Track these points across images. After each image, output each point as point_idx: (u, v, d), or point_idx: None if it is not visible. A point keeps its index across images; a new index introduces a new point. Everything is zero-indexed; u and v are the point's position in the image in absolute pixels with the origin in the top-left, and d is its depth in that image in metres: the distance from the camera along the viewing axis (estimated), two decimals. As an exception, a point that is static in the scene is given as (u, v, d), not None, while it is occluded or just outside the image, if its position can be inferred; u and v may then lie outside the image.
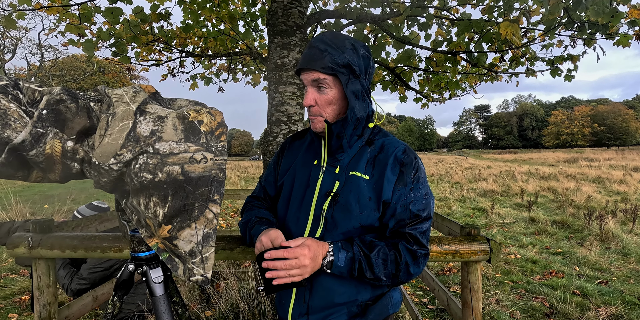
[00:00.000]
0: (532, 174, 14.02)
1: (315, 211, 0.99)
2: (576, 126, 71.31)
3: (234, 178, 15.36)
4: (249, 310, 2.42)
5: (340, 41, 0.94)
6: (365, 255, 0.90)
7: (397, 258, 0.92)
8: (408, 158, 0.99)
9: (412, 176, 0.97)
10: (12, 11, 2.67)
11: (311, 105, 0.97)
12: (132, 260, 1.08)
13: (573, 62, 3.32)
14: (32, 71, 26.75)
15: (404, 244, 0.93)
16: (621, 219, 5.90)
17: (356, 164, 1.00)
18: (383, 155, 1.00)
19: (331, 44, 0.93)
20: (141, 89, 0.91)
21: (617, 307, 2.91)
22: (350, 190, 0.97)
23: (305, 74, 0.96)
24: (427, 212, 0.98)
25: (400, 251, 0.92)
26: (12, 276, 3.65)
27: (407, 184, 0.97)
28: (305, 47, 0.96)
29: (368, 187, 0.97)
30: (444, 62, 3.53)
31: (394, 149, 1.01)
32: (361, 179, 0.97)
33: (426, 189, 1.00)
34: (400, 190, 0.96)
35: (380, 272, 0.91)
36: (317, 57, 0.92)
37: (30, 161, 0.79)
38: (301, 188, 1.04)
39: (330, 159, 1.02)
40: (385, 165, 0.98)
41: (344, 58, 0.92)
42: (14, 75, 25.04)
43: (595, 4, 2.13)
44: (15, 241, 1.54)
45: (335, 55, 0.92)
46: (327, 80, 0.94)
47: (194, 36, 3.95)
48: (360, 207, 0.95)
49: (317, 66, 0.91)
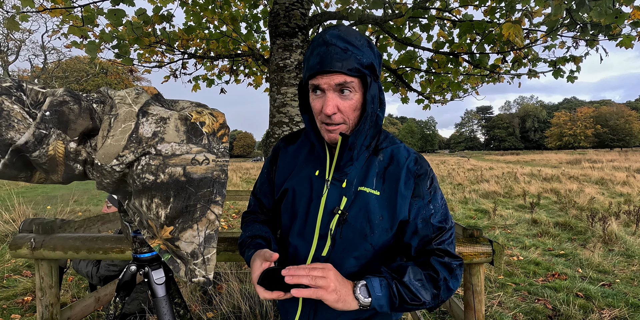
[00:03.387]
0: (534, 176, 13.97)
1: (321, 229, 0.90)
2: (579, 127, 71.03)
3: (235, 179, 15.37)
4: (250, 311, 2.42)
5: (358, 37, 0.82)
6: (397, 279, 0.81)
7: (434, 275, 0.83)
8: (422, 169, 0.91)
9: (427, 187, 0.90)
10: (15, 13, 2.69)
11: (334, 113, 0.83)
12: (134, 261, 1.08)
13: (575, 63, 3.31)
14: (35, 73, 26.90)
15: (435, 259, 0.86)
16: (624, 220, 5.87)
17: (365, 178, 0.90)
18: (394, 168, 0.91)
19: (351, 41, 0.80)
20: (143, 91, 0.91)
21: (621, 309, 2.89)
22: (359, 208, 0.88)
23: (325, 77, 0.80)
24: (449, 222, 0.91)
25: (435, 267, 0.84)
26: (14, 277, 3.66)
27: (424, 196, 0.90)
28: (314, 45, 0.82)
29: (379, 205, 0.88)
30: (445, 64, 3.53)
31: (405, 160, 0.92)
32: (371, 196, 0.88)
33: (442, 199, 0.93)
34: (417, 204, 0.89)
35: (420, 293, 0.81)
36: (341, 57, 0.78)
37: (33, 162, 0.80)
38: (303, 202, 0.94)
39: (337, 172, 0.91)
40: (397, 180, 0.89)
41: (368, 57, 0.81)
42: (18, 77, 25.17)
43: (598, 5, 2.12)
44: (18, 242, 1.55)
45: (359, 55, 0.80)
46: (354, 83, 0.81)
47: (196, 38, 3.97)
48: (371, 227, 0.87)
49: (343, 68, 0.78)
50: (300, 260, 0.92)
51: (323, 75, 0.80)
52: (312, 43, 0.84)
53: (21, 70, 29.14)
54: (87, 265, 2.37)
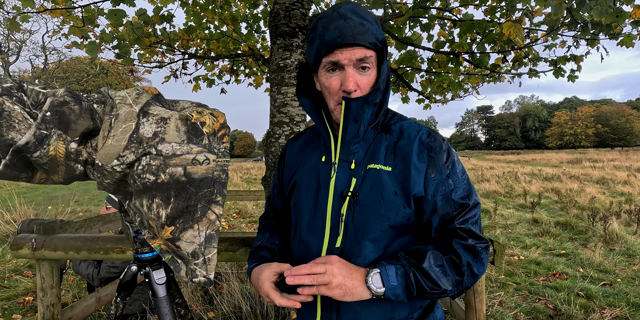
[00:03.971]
0: (535, 175, 13.96)
1: (333, 217, 0.83)
2: (580, 127, 70.94)
3: (236, 179, 15.38)
4: (251, 311, 2.42)
5: (369, 14, 0.79)
6: (415, 266, 0.74)
7: (456, 260, 0.77)
8: (436, 141, 0.84)
9: (445, 161, 0.82)
10: (16, 14, 2.69)
11: (355, 89, 0.78)
12: (135, 261, 1.08)
13: (576, 62, 3.30)
14: (36, 73, 26.93)
15: (458, 242, 0.78)
16: (625, 220, 5.86)
17: (374, 155, 0.84)
18: (405, 141, 0.84)
19: (365, 16, 0.78)
20: (144, 91, 0.91)
21: (622, 309, 2.89)
22: (371, 187, 0.82)
23: (345, 51, 0.76)
24: (473, 198, 0.82)
25: (457, 251, 0.77)
26: (16, 277, 3.67)
27: (441, 170, 0.82)
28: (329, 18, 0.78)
29: (392, 180, 0.81)
30: (446, 63, 3.52)
31: (416, 133, 0.85)
32: (382, 172, 0.82)
33: (464, 174, 0.85)
34: (435, 179, 0.81)
35: (441, 281, 0.74)
36: (360, 30, 0.75)
37: (34, 163, 0.80)
38: (311, 191, 0.88)
39: (344, 153, 0.86)
40: (409, 152, 0.82)
41: (380, 33, 0.79)
42: (19, 77, 25.23)
43: (598, 4, 2.12)
44: (19, 242, 1.55)
45: (374, 30, 0.77)
46: (372, 58, 0.78)
47: (196, 38, 3.97)
48: (385, 206, 0.80)
49: (365, 41, 0.75)
50: (312, 257, 0.84)
51: (343, 50, 0.76)
52: (322, 19, 0.80)
53: (22, 71, 29.18)
54: (88, 267, 2.37)
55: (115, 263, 2.33)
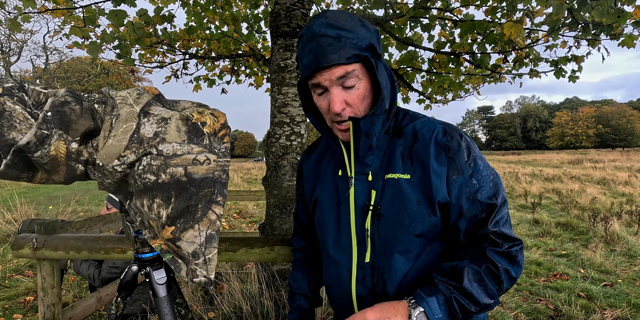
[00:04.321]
0: (536, 176, 13.94)
1: (358, 232, 0.82)
2: (580, 127, 70.85)
3: (237, 179, 15.38)
4: (251, 311, 2.42)
5: (348, 20, 0.74)
6: (458, 288, 0.72)
7: (493, 270, 0.74)
8: (453, 139, 0.79)
9: (466, 159, 0.77)
10: (17, 14, 2.70)
11: (343, 108, 0.75)
12: (136, 261, 1.08)
13: (577, 62, 3.30)
14: (37, 73, 26.97)
15: (492, 250, 0.75)
16: (626, 220, 5.85)
17: (390, 164, 0.81)
18: (420, 145, 0.80)
19: (342, 26, 0.73)
20: (145, 91, 0.91)
21: (623, 310, 2.88)
22: (392, 199, 0.79)
23: (324, 73, 0.73)
24: (500, 197, 0.78)
25: (493, 260, 0.74)
26: (16, 277, 3.67)
27: (463, 170, 0.77)
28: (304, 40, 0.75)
29: (412, 189, 0.78)
30: (447, 64, 3.52)
31: (431, 133, 0.80)
32: (401, 181, 0.79)
33: (488, 169, 0.80)
34: (457, 181, 0.77)
35: (484, 298, 0.72)
36: (335, 47, 0.71)
37: (35, 163, 0.80)
38: (333, 207, 0.87)
39: (359, 166, 0.83)
40: (426, 156, 0.78)
41: (364, 38, 0.73)
42: (20, 77, 25.27)
43: (600, 5, 2.12)
44: (20, 242, 1.55)
45: (354, 39, 0.72)
46: (356, 71, 0.74)
47: (197, 38, 3.97)
48: (409, 217, 0.77)
49: (341, 58, 0.71)
50: (344, 274, 0.84)
51: (322, 72, 0.73)
52: (302, 38, 0.76)
53: (23, 71, 29.22)
54: (89, 267, 2.37)
55: (116, 263, 2.33)
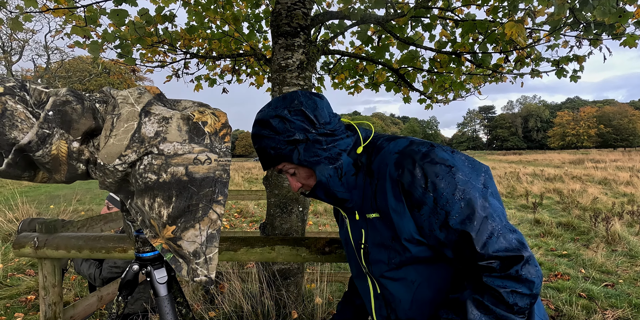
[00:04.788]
0: (537, 176, 13.92)
1: (364, 267, 0.92)
2: (582, 127, 70.68)
3: (237, 179, 15.39)
4: (252, 311, 2.42)
5: (266, 120, 0.84)
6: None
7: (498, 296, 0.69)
8: (404, 172, 0.75)
9: (423, 188, 0.73)
10: (19, 13, 2.70)
11: (301, 190, 0.92)
12: (137, 260, 1.08)
13: (579, 62, 3.29)
14: (38, 73, 27.02)
15: (488, 276, 0.70)
16: (628, 221, 5.84)
17: (367, 205, 0.86)
18: (381, 183, 0.81)
19: (262, 131, 0.86)
20: (146, 90, 0.91)
21: (624, 310, 2.88)
22: (373, 236, 0.84)
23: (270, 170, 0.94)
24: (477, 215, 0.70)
25: (493, 287, 0.69)
26: (18, 276, 3.68)
27: (424, 200, 0.73)
28: None
29: (384, 226, 0.81)
30: (448, 63, 3.52)
31: (385, 168, 0.79)
32: (374, 220, 0.83)
33: (455, 184, 0.72)
34: (423, 213, 0.73)
35: None
36: (266, 156, 0.87)
37: (37, 162, 0.80)
38: (346, 247, 1.00)
39: (346, 210, 0.93)
40: (384, 195, 0.79)
41: (281, 137, 0.83)
42: (21, 76, 25.30)
43: (601, 4, 2.11)
44: (21, 241, 1.55)
45: (273, 142, 0.84)
46: (286, 167, 0.89)
47: (198, 38, 3.97)
48: (388, 252, 0.81)
49: (270, 166, 0.89)
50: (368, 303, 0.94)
51: None
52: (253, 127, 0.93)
53: (24, 70, 29.26)
54: (90, 267, 2.37)
55: (117, 263, 2.33)
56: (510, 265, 0.68)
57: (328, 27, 3.70)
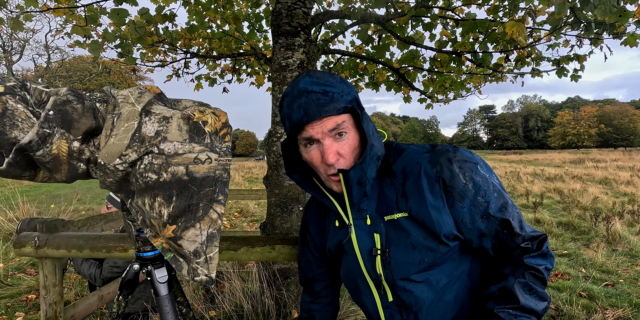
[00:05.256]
0: (537, 175, 13.91)
1: (372, 278, 0.83)
2: (582, 127, 70.60)
3: (238, 178, 15.40)
4: (252, 310, 2.42)
5: (331, 77, 0.79)
6: (517, 308, 0.73)
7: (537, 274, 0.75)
8: (443, 168, 0.78)
9: (464, 182, 0.76)
10: (19, 13, 2.70)
11: (337, 159, 0.77)
12: (137, 260, 1.08)
13: (579, 62, 3.29)
14: (39, 72, 27.03)
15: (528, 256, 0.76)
16: (628, 220, 5.84)
17: (386, 206, 0.82)
18: (412, 181, 0.80)
19: (326, 83, 0.76)
20: (146, 90, 0.91)
21: (624, 309, 2.88)
22: (398, 240, 0.79)
23: (315, 126, 0.75)
24: (509, 202, 0.78)
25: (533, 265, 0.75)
26: (19, 275, 3.69)
27: (466, 194, 0.76)
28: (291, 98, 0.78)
29: (414, 226, 0.78)
30: (448, 63, 3.51)
31: (419, 167, 0.80)
32: (401, 220, 0.79)
33: (486, 179, 0.78)
34: (465, 206, 0.76)
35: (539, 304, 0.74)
36: (324, 101, 0.74)
37: (37, 161, 0.80)
38: (342, 258, 0.90)
39: (356, 212, 0.84)
40: (420, 192, 0.78)
41: (348, 93, 0.77)
42: (22, 76, 25.33)
43: (602, 3, 2.11)
44: (22, 240, 1.56)
45: (340, 93, 0.76)
46: (346, 122, 0.77)
47: (198, 37, 3.97)
48: (420, 253, 0.78)
49: (331, 111, 0.74)
50: (375, 315, 0.87)
51: (313, 125, 0.76)
52: (286, 98, 0.79)
53: (25, 70, 29.28)
54: (90, 267, 2.37)
55: (117, 263, 2.33)
56: (541, 243, 0.77)
57: (328, 26, 3.69)
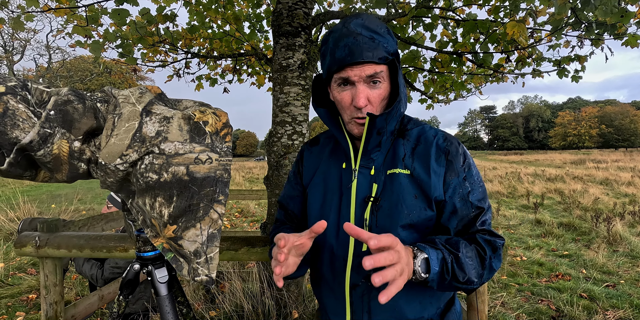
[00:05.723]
0: (538, 176, 13.90)
1: (356, 221, 0.86)
2: (583, 127, 70.50)
3: (238, 178, 15.41)
4: (253, 310, 2.42)
5: (380, 26, 0.81)
6: (453, 254, 0.75)
7: (481, 252, 0.79)
8: (452, 145, 0.87)
9: (461, 164, 0.85)
10: (20, 13, 2.71)
11: (365, 105, 0.81)
12: (138, 260, 1.09)
13: (580, 62, 3.28)
14: (40, 72, 27.07)
15: (480, 236, 0.81)
16: (629, 221, 5.83)
17: (393, 161, 0.87)
18: (422, 147, 0.87)
19: (375, 30, 0.79)
20: (147, 90, 0.91)
21: (625, 310, 2.87)
22: (392, 192, 0.84)
23: (355, 68, 0.78)
24: (487, 202, 0.86)
25: (481, 244, 0.80)
26: (19, 275, 3.69)
27: (458, 173, 0.84)
28: (338, 35, 0.80)
29: (412, 184, 0.84)
30: (449, 63, 3.51)
31: (433, 138, 0.88)
32: (401, 176, 0.85)
33: (479, 176, 0.88)
34: (453, 182, 0.84)
35: (471, 272, 0.75)
36: (370, 46, 0.77)
37: (38, 161, 0.80)
38: (334, 197, 0.91)
39: (364, 160, 0.89)
40: (427, 157, 0.85)
41: (392, 45, 0.81)
42: (23, 76, 25.36)
43: (603, 4, 2.11)
44: (23, 240, 1.56)
45: (385, 43, 0.79)
46: (383, 72, 0.80)
47: (199, 37, 3.97)
48: (407, 208, 0.82)
49: (374, 57, 0.77)
50: (339, 262, 0.87)
51: (353, 67, 0.78)
52: (333, 34, 0.81)
53: (26, 70, 29.32)
54: (92, 268, 2.38)
55: (118, 263, 2.33)
56: (497, 239, 0.82)
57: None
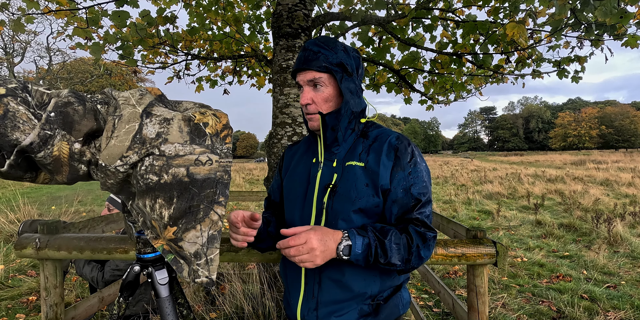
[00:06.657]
0: (538, 177, 13.89)
1: (317, 205, 1.03)
2: (583, 128, 70.50)
3: (239, 180, 15.40)
4: (253, 312, 2.42)
5: (332, 43, 1.01)
6: (379, 240, 0.91)
7: (409, 241, 0.93)
8: (402, 144, 1.02)
9: (408, 160, 1.00)
10: (21, 15, 2.71)
11: (308, 103, 1.02)
12: (138, 261, 1.08)
13: (580, 63, 3.29)
14: (40, 74, 27.10)
15: (413, 228, 0.95)
16: (630, 222, 5.82)
17: (352, 155, 1.04)
18: (377, 144, 1.03)
19: (324, 46, 1.00)
20: (147, 92, 0.92)
21: (626, 311, 2.87)
22: (347, 180, 1.00)
23: (301, 74, 1.02)
24: (427, 196, 1.00)
25: (411, 234, 0.94)
26: (19, 277, 3.69)
27: (404, 168, 0.99)
28: (299, 51, 1.04)
29: (364, 174, 1.00)
30: (449, 64, 3.51)
31: (387, 137, 1.04)
32: (356, 167, 1.01)
33: (423, 173, 1.01)
34: (398, 175, 0.99)
35: (393, 257, 0.91)
36: (312, 58, 0.98)
37: (38, 163, 0.80)
38: (302, 186, 1.08)
39: (327, 154, 1.07)
40: (379, 152, 1.01)
41: (337, 58, 0.99)
42: (23, 78, 25.39)
43: (603, 5, 2.11)
44: (23, 242, 1.56)
45: (328, 55, 0.99)
46: (323, 78, 1.00)
47: (199, 39, 3.98)
48: (358, 193, 0.98)
49: (312, 66, 0.98)
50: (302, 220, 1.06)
51: (300, 73, 1.02)
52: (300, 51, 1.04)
53: (26, 72, 29.37)
54: (92, 270, 2.37)
55: (119, 266, 2.33)
56: (428, 232, 0.96)
57: (329, 28, 3.70)
